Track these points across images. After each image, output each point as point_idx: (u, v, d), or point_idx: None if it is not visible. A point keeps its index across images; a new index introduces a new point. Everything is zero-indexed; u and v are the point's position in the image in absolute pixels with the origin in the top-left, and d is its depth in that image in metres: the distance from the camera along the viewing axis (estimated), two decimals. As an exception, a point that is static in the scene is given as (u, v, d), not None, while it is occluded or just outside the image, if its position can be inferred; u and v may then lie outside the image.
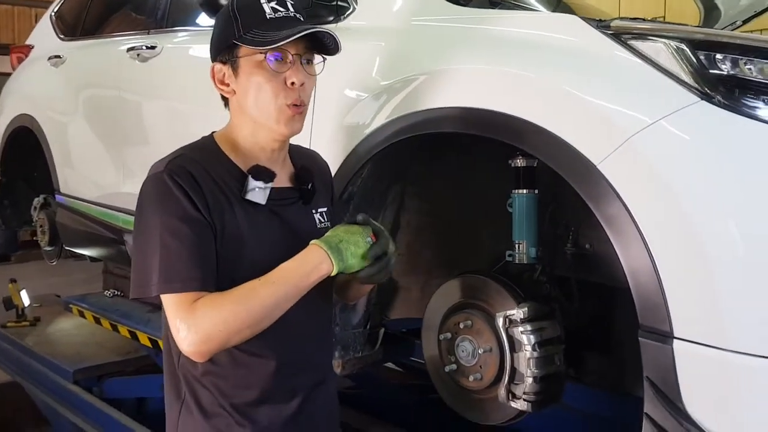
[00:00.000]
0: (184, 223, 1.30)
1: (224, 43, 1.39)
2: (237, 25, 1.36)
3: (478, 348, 1.75)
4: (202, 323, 1.27)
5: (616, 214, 1.38)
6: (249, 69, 1.37)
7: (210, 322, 1.27)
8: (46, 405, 3.44)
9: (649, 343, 1.35)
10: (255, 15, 1.36)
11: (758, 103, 1.33)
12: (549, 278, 1.82)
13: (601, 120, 1.43)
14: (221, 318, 1.27)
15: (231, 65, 1.39)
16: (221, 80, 1.42)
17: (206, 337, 1.27)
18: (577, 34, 1.60)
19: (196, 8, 2.88)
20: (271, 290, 1.29)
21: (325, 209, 1.53)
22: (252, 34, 1.34)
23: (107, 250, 3.39)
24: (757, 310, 1.25)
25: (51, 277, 5.75)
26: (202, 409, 1.41)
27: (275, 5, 1.37)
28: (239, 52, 1.37)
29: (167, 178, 1.32)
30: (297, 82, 1.36)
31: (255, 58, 1.36)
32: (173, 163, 1.35)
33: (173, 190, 1.31)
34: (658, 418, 1.35)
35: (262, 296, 1.28)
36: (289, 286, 1.30)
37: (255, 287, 1.29)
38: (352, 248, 1.32)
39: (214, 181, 1.35)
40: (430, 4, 1.98)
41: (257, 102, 1.37)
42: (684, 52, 1.42)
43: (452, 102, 1.69)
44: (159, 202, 1.31)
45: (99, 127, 3.27)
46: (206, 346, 1.28)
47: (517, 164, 1.77)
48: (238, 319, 1.27)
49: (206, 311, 1.27)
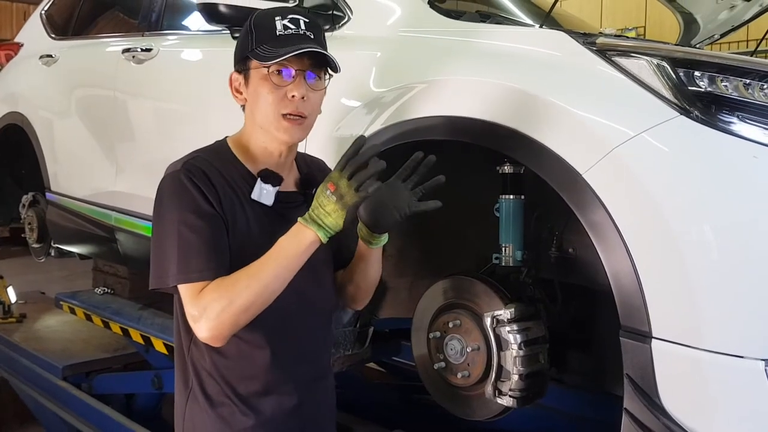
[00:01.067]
0: (200, 217, 1.38)
1: (240, 54, 1.49)
2: (251, 39, 1.45)
3: (466, 346, 1.82)
4: (211, 306, 1.35)
5: (600, 220, 1.46)
6: (257, 80, 1.46)
7: (218, 304, 1.34)
8: (35, 401, 3.46)
9: (629, 342, 1.43)
10: (267, 31, 1.44)
11: (733, 118, 1.42)
12: (534, 280, 1.89)
13: (587, 131, 1.51)
14: (227, 298, 1.34)
15: (244, 75, 1.49)
16: (237, 88, 1.51)
17: (216, 318, 1.34)
18: (564, 49, 1.68)
19: (190, 12, 2.94)
20: (270, 265, 1.35)
21: None
22: (262, 49, 1.43)
23: (98, 248, 3.43)
24: (731, 312, 1.34)
25: (31, 274, 5.74)
26: (208, 398, 1.48)
27: (287, 23, 1.45)
28: (251, 64, 1.47)
29: (183, 176, 1.41)
30: (297, 95, 1.44)
31: (261, 71, 1.45)
32: (189, 163, 1.44)
33: (189, 187, 1.40)
34: (637, 413, 1.43)
35: (262, 272, 1.35)
36: (284, 259, 1.35)
37: (252, 268, 1.36)
38: (321, 210, 1.34)
39: (226, 181, 1.44)
40: (423, 17, 2.05)
41: (260, 110, 1.46)
42: (665, 69, 1.50)
43: (444, 111, 1.76)
44: (176, 199, 1.40)
45: (92, 127, 3.30)
46: (218, 329, 1.36)
47: (505, 171, 1.85)
48: (242, 296, 1.34)
49: (213, 295, 1.35)
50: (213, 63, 2.63)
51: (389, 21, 2.12)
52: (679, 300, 1.36)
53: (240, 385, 1.48)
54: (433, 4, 2.12)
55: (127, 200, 3.00)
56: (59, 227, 3.63)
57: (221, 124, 1.69)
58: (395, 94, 1.89)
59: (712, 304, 1.34)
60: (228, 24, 2.18)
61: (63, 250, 3.82)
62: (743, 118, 1.42)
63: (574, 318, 1.94)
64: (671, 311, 1.37)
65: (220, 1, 2.08)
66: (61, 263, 4.67)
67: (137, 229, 2.93)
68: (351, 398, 3.05)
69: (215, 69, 2.58)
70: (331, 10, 2.20)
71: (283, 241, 1.37)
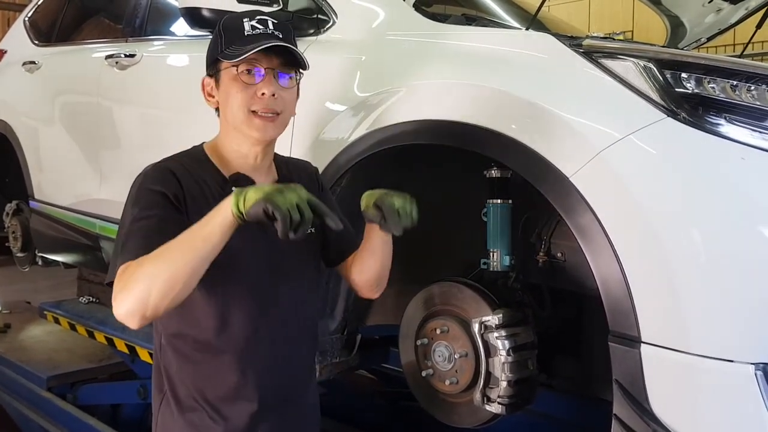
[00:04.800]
0: (151, 209, 1.37)
1: (211, 58, 1.51)
2: (221, 42, 1.47)
3: (454, 353, 1.80)
4: (128, 286, 1.27)
5: (587, 224, 1.44)
6: (227, 81, 1.46)
7: (133, 283, 1.27)
8: (19, 413, 3.41)
9: (618, 347, 1.42)
10: (236, 32, 1.46)
11: (720, 120, 1.41)
12: (522, 286, 1.87)
13: (574, 134, 1.49)
14: (144, 275, 1.26)
15: (215, 78, 1.50)
16: (209, 92, 1.52)
17: (133, 300, 1.26)
18: (550, 51, 1.67)
19: (174, 17, 2.91)
20: (186, 239, 1.28)
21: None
22: (230, 50, 1.44)
23: (83, 257, 3.38)
24: (720, 316, 1.32)
25: (16, 284, 5.67)
26: (179, 403, 1.48)
27: (255, 23, 1.47)
28: (220, 66, 1.47)
29: (146, 173, 1.43)
30: (267, 93, 1.44)
31: (231, 71, 1.45)
32: (157, 163, 1.46)
33: (149, 183, 1.41)
34: (627, 418, 1.41)
35: (178, 247, 1.28)
36: (202, 233, 1.28)
37: (172, 242, 1.29)
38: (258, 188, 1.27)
39: (197, 183, 1.44)
40: (408, 20, 2.04)
41: (231, 110, 1.46)
42: (651, 70, 1.49)
43: (430, 115, 1.74)
44: (135, 196, 1.41)
45: (76, 134, 3.26)
46: (129, 307, 1.27)
47: (492, 175, 1.83)
48: (159, 273, 1.26)
49: (132, 275, 1.27)
50: (196, 68, 2.59)
51: (374, 24, 2.10)
52: (668, 304, 1.34)
53: (209, 390, 1.47)
54: (419, 7, 2.10)
55: (112, 208, 2.96)
56: (43, 236, 3.59)
57: (205, 130, 1.67)
58: (380, 98, 1.87)
59: (701, 307, 1.32)
60: (211, 28, 2.15)
61: (48, 258, 3.77)
62: (731, 120, 1.41)
63: (563, 323, 1.92)
64: (660, 315, 1.36)
65: (203, 5, 2.06)
66: (48, 272, 4.60)
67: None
68: (340, 405, 3.03)
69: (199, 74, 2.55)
70: (316, 14, 2.19)
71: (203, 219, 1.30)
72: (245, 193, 1.26)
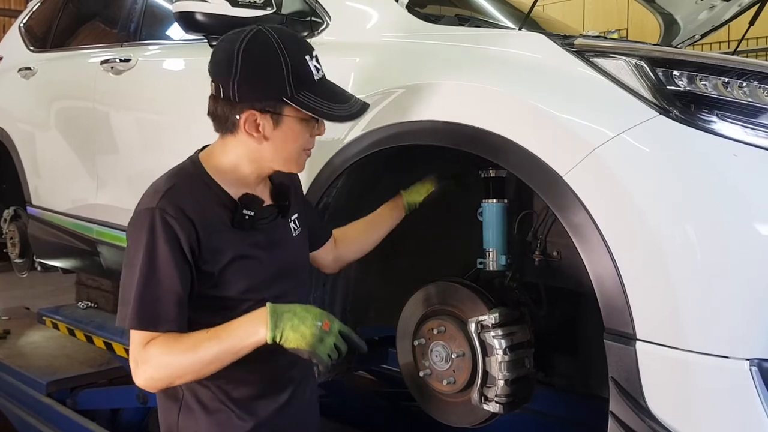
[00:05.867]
0: (166, 263, 1.37)
1: (271, 97, 1.41)
2: (289, 84, 1.39)
3: (451, 353, 1.80)
4: (154, 361, 1.37)
5: (581, 222, 1.44)
6: (292, 124, 1.44)
7: (156, 365, 1.37)
8: (19, 419, 3.41)
9: (613, 345, 1.42)
10: (303, 74, 1.41)
11: (712, 117, 1.41)
12: (518, 284, 1.88)
13: (567, 133, 1.50)
14: (167, 364, 1.37)
15: (272, 117, 1.43)
16: (257, 129, 1.43)
17: (152, 378, 1.39)
18: (543, 51, 1.67)
19: (168, 22, 2.92)
20: (213, 346, 1.37)
21: (296, 215, 1.65)
22: (304, 97, 1.41)
23: (81, 262, 3.39)
24: (715, 312, 1.32)
25: (15, 290, 5.68)
26: (204, 406, 1.50)
27: (316, 63, 1.45)
28: (286, 110, 1.42)
29: (158, 214, 1.38)
30: (321, 134, 1.51)
31: (300, 115, 1.43)
32: (166, 198, 1.40)
33: (162, 228, 1.37)
34: (623, 416, 1.42)
35: (204, 350, 1.37)
36: (229, 345, 1.37)
37: (201, 341, 1.37)
38: (295, 321, 1.37)
39: (205, 211, 1.43)
40: (401, 21, 2.04)
41: (288, 151, 1.47)
42: (643, 68, 1.49)
43: (424, 116, 1.74)
44: (147, 239, 1.38)
45: (72, 139, 3.27)
46: (153, 382, 1.40)
47: (487, 175, 1.84)
48: (181, 367, 1.37)
49: (157, 354, 1.37)
50: (192, 72, 2.61)
51: (367, 26, 2.11)
52: (663, 301, 1.35)
53: (234, 390, 1.51)
54: (412, 8, 2.11)
55: (109, 213, 2.97)
56: (41, 241, 3.59)
57: (201, 133, 1.67)
58: (374, 100, 1.87)
59: (696, 304, 1.33)
60: (205, 33, 2.17)
61: (46, 264, 3.77)
62: (723, 117, 1.41)
63: (560, 321, 1.93)
64: (655, 312, 1.36)
65: (197, 9, 2.06)
66: (47, 278, 4.61)
67: (119, 242, 2.89)
68: (339, 406, 3.03)
69: (194, 78, 2.56)
70: (310, 16, 2.19)
71: (233, 326, 1.38)
72: (283, 329, 1.35)
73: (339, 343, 1.39)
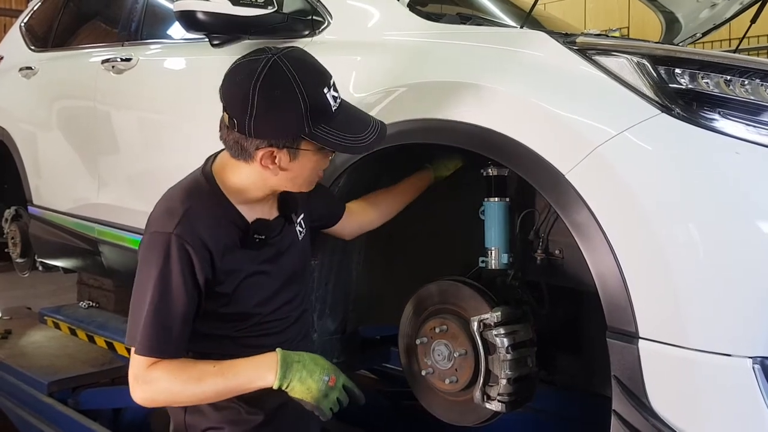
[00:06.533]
0: (178, 292, 1.39)
1: (290, 133, 1.40)
2: (306, 120, 1.38)
3: (453, 352, 1.80)
4: (155, 384, 1.40)
5: (584, 221, 1.44)
6: (311, 156, 1.45)
7: (159, 389, 1.41)
8: (20, 419, 3.41)
9: (616, 343, 1.42)
10: (323, 110, 1.40)
11: (714, 115, 1.41)
12: (521, 283, 1.87)
13: (569, 131, 1.50)
14: (169, 389, 1.41)
15: (289, 151, 1.42)
16: (274, 162, 1.43)
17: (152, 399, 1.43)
18: (544, 49, 1.67)
19: (170, 21, 2.91)
20: (218, 382, 1.41)
21: (302, 216, 1.67)
22: (321, 131, 1.40)
23: (82, 261, 3.39)
24: (717, 310, 1.32)
25: (16, 290, 5.68)
26: (213, 404, 1.53)
27: (333, 93, 1.43)
28: (303, 144, 1.42)
29: (175, 241, 1.39)
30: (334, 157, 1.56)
31: (317, 147, 1.45)
32: (182, 225, 1.40)
33: (177, 256, 1.38)
34: (626, 414, 1.42)
35: (208, 384, 1.41)
36: (234, 384, 1.42)
37: (206, 374, 1.41)
38: (303, 373, 1.42)
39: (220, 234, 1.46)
40: (403, 20, 2.04)
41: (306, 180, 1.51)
42: (645, 67, 1.49)
43: (425, 114, 1.74)
44: (161, 265, 1.39)
45: (73, 139, 3.27)
46: (152, 401, 1.45)
47: (489, 173, 1.83)
48: (183, 395, 1.43)
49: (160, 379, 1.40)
50: (193, 71, 2.61)
51: (369, 25, 2.10)
52: (665, 299, 1.34)
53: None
54: (413, 7, 2.10)
55: (110, 212, 2.97)
56: (42, 241, 3.59)
57: (202, 132, 1.67)
58: (376, 98, 1.87)
59: (698, 302, 1.33)
60: (206, 31, 2.17)
61: (48, 264, 3.78)
62: (725, 115, 1.41)
63: (562, 320, 1.93)
64: (657, 311, 1.36)
65: (198, 8, 2.06)
66: (48, 277, 4.62)
67: (121, 241, 2.90)
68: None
69: (195, 77, 2.56)
70: (311, 15, 2.19)
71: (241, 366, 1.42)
72: (291, 379, 1.41)
73: (342, 397, 1.46)
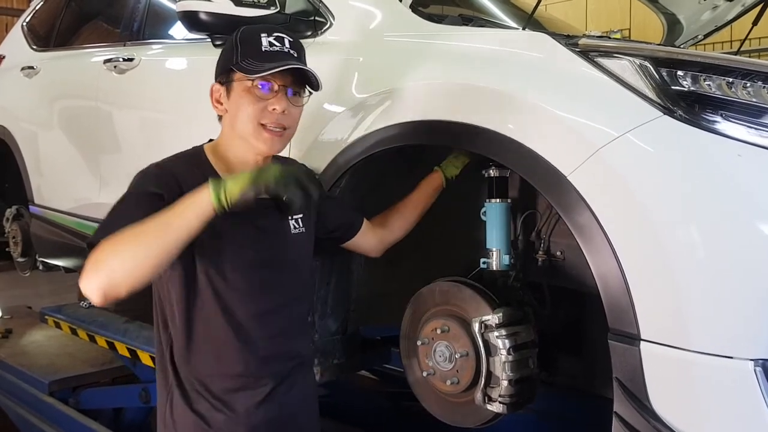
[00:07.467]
0: (143, 204, 1.42)
1: (224, 66, 1.55)
2: (236, 53, 1.52)
3: (454, 353, 1.79)
4: (99, 260, 1.33)
5: (586, 222, 1.44)
6: (239, 92, 1.52)
7: (100, 260, 1.33)
8: (21, 418, 3.41)
9: (617, 345, 1.42)
10: (253, 46, 1.52)
11: (716, 117, 1.41)
12: (522, 284, 1.87)
13: (571, 133, 1.49)
14: (113, 252, 1.33)
15: (226, 87, 1.55)
16: (217, 99, 1.57)
17: (100, 281, 1.32)
18: (547, 51, 1.67)
19: (172, 21, 2.92)
20: (156, 224, 1.35)
21: (301, 215, 1.67)
22: (246, 63, 1.49)
23: (83, 261, 3.38)
24: (719, 312, 1.32)
25: (17, 289, 5.68)
26: (186, 396, 1.56)
27: (273, 40, 1.53)
28: (234, 77, 1.52)
29: (151, 170, 1.52)
30: (278, 108, 1.52)
31: (245, 83, 1.51)
32: (162, 162, 1.54)
33: (148, 184, 1.48)
34: (627, 416, 1.41)
35: (147, 231, 1.35)
36: (171, 218, 1.36)
37: (143, 224, 1.35)
38: (233, 179, 1.38)
39: (194, 180, 1.48)
40: (405, 21, 2.04)
41: (241, 121, 1.52)
42: (647, 69, 1.49)
43: (428, 115, 1.75)
44: (134, 184, 1.50)
45: (75, 138, 3.27)
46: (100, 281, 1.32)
47: (491, 174, 1.84)
48: (126, 254, 1.33)
49: (100, 253, 1.34)
50: (195, 71, 2.61)
51: (371, 26, 2.11)
52: (667, 301, 1.34)
53: (213, 382, 1.56)
54: (415, 8, 2.11)
55: (112, 212, 2.97)
56: (43, 240, 3.59)
57: (204, 132, 1.68)
58: (378, 99, 1.87)
59: (700, 304, 1.32)
60: (209, 32, 2.17)
61: (49, 263, 3.78)
62: (727, 117, 1.40)
63: (563, 321, 1.93)
64: (659, 313, 1.36)
65: (201, 9, 2.07)
66: (49, 277, 4.63)
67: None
68: (341, 406, 3.03)
69: (197, 77, 2.56)
70: (313, 15, 2.19)
71: (175, 204, 1.38)
72: (224, 186, 1.35)
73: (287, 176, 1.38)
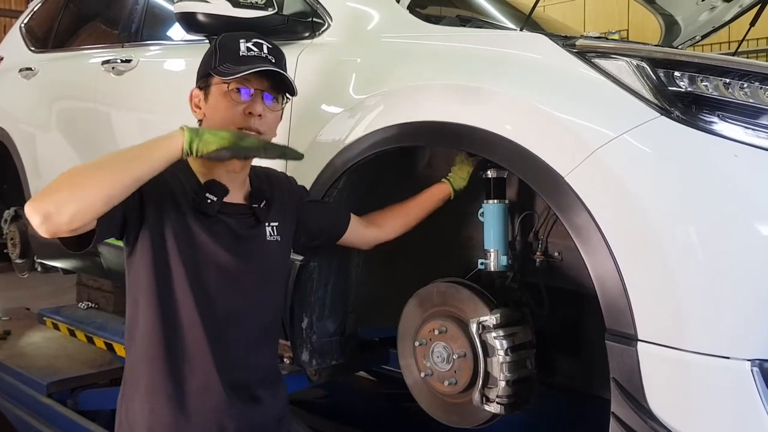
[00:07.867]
0: None
1: (203, 71, 1.57)
2: (215, 58, 1.53)
3: (452, 353, 1.80)
4: (51, 184, 1.31)
5: (583, 223, 1.45)
6: (216, 95, 1.53)
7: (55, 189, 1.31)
8: (19, 419, 3.41)
9: (614, 345, 1.42)
10: (231, 51, 1.52)
11: (713, 118, 1.41)
12: (520, 285, 1.87)
13: (568, 134, 1.50)
14: (68, 175, 1.32)
15: (204, 91, 1.56)
16: (196, 104, 1.58)
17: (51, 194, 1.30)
18: (544, 52, 1.67)
19: (170, 22, 2.92)
20: (120, 155, 1.38)
21: (277, 223, 1.67)
22: (224, 67, 1.50)
23: (81, 262, 3.39)
24: (716, 313, 1.32)
25: (16, 290, 5.67)
26: (140, 393, 1.54)
27: (251, 45, 1.54)
28: (212, 81, 1.54)
29: None
30: (254, 112, 1.52)
31: (222, 87, 1.52)
32: None
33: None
34: (624, 416, 1.42)
35: (116, 161, 1.36)
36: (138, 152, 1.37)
37: (113, 156, 1.38)
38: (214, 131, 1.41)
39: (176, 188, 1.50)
40: (402, 22, 2.05)
41: (218, 125, 1.51)
42: (644, 69, 1.49)
43: (426, 116, 1.75)
44: None
45: (73, 140, 3.27)
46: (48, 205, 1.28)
47: (488, 175, 1.84)
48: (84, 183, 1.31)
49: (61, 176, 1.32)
50: (193, 72, 2.60)
51: (369, 27, 2.11)
52: (664, 302, 1.35)
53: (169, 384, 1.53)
54: (413, 9, 2.11)
55: (109, 213, 2.96)
56: (41, 242, 3.58)
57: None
58: (376, 100, 1.87)
59: (697, 305, 1.33)
60: (206, 33, 2.17)
61: (47, 265, 3.77)
62: (724, 118, 1.41)
63: (561, 322, 1.93)
64: (656, 313, 1.36)
65: (198, 10, 2.07)
66: (48, 278, 4.62)
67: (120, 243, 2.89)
68: (340, 407, 3.03)
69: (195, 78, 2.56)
70: (311, 17, 2.19)
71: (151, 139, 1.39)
72: (201, 136, 1.37)
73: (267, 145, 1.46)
